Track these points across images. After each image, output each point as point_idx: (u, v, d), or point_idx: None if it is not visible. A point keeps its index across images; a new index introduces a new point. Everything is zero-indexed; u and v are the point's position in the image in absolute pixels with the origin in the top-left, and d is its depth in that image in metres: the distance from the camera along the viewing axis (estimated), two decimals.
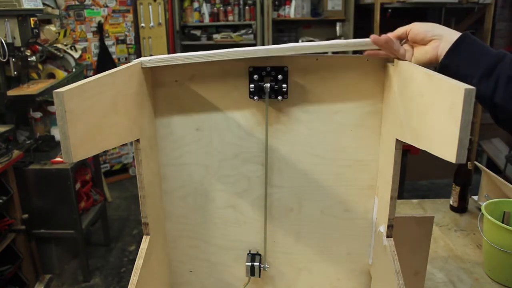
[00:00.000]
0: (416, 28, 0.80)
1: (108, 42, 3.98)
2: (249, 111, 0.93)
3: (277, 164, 0.96)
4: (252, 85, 0.90)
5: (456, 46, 0.76)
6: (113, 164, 4.17)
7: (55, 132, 2.75)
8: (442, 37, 0.78)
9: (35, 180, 2.43)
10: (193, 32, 4.49)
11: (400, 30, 0.82)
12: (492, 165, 3.99)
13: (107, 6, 3.95)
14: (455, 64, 0.76)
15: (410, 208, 1.61)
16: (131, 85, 0.81)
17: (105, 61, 3.92)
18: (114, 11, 3.99)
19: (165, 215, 1.02)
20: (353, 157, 0.94)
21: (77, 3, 3.80)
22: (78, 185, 2.59)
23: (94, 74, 0.83)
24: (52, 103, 2.58)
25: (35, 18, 2.50)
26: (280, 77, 0.89)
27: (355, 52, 0.88)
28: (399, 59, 0.81)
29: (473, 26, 3.83)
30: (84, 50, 3.78)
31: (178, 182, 0.99)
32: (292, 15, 4.29)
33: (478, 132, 3.79)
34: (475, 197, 1.64)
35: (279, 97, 0.90)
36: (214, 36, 4.44)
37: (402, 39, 0.83)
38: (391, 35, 0.82)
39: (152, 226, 0.92)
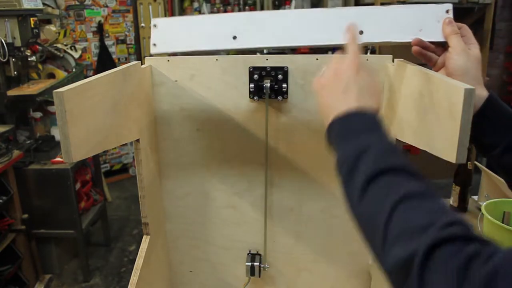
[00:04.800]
0: (452, 58, 0.72)
1: (108, 42, 3.98)
2: (249, 111, 0.93)
3: (277, 164, 0.96)
4: (252, 85, 0.90)
5: (480, 113, 0.69)
6: (113, 164, 4.17)
7: (55, 132, 2.75)
8: None
9: (35, 180, 2.43)
10: None
11: (450, 41, 0.74)
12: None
13: (107, 6, 3.94)
14: (478, 132, 0.68)
15: None
16: (131, 85, 0.81)
17: (105, 61, 3.91)
18: (114, 11, 3.98)
19: (165, 215, 1.02)
20: None
21: (77, 3, 3.80)
22: (78, 185, 2.58)
23: (94, 74, 0.83)
24: (52, 103, 2.57)
25: (35, 18, 2.50)
26: (280, 77, 0.89)
27: None
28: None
29: (473, 26, 3.83)
30: (84, 50, 3.78)
31: (178, 182, 0.99)
32: None
33: None
34: (475, 197, 1.64)
35: (279, 97, 0.90)
36: None
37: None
38: (449, 31, 0.74)
39: (152, 226, 0.92)
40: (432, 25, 0.75)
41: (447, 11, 0.76)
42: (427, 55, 0.76)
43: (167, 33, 0.80)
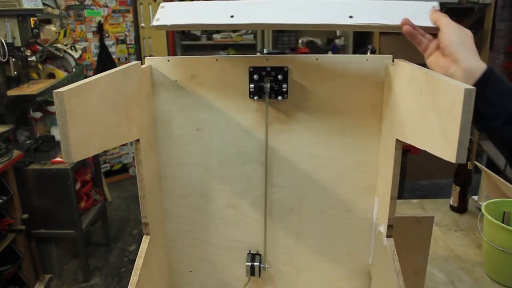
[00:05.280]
0: (446, 33, 0.73)
1: (108, 42, 3.98)
2: (249, 111, 0.93)
3: (277, 164, 0.96)
4: (252, 85, 0.90)
5: (480, 83, 0.69)
6: (113, 164, 4.17)
7: (55, 132, 2.75)
8: (458, 61, 0.71)
9: (35, 180, 2.43)
10: (193, 32, 4.49)
11: (440, 21, 0.75)
12: (492, 165, 3.98)
13: (107, 6, 3.95)
14: (479, 103, 0.67)
15: (410, 208, 1.61)
16: (131, 85, 0.81)
17: (105, 61, 3.92)
18: (114, 11, 3.99)
19: (165, 215, 1.02)
20: (353, 157, 0.94)
21: (77, 3, 3.80)
22: (78, 185, 2.59)
23: (94, 74, 0.83)
24: (52, 103, 2.58)
25: (35, 18, 2.51)
26: (280, 77, 0.89)
27: (355, 52, 0.88)
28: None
29: (473, 26, 3.82)
30: (84, 50, 3.78)
31: (178, 182, 0.99)
32: None
33: (478, 132, 3.79)
34: (475, 197, 1.64)
35: (279, 97, 0.90)
36: (214, 36, 4.44)
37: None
38: (434, 18, 0.76)
39: (152, 226, 0.92)
40: (420, 14, 0.77)
41: (433, 7, 0.79)
42: (417, 37, 0.76)
43: (171, 11, 0.85)
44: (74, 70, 3.08)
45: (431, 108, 0.63)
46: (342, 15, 0.79)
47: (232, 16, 0.80)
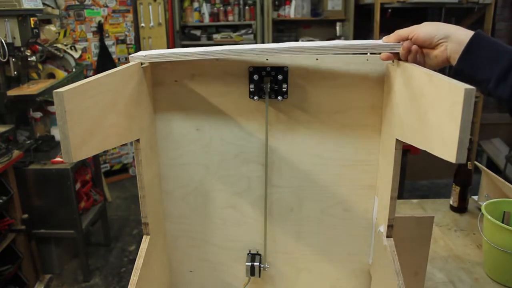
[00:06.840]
0: (421, 34, 0.76)
1: (108, 42, 3.98)
2: (249, 111, 0.93)
3: (277, 164, 0.96)
4: (252, 85, 0.90)
5: (468, 49, 0.71)
6: (113, 164, 4.17)
7: (55, 132, 2.75)
8: (449, 38, 0.74)
9: (35, 180, 2.43)
10: (193, 32, 4.49)
11: (403, 34, 0.78)
12: (492, 165, 3.99)
13: (107, 6, 3.94)
14: (470, 69, 0.71)
15: (410, 208, 1.61)
16: (131, 85, 0.81)
17: (105, 61, 3.92)
18: (114, 11, 3.98)
19: (165, 215, 1.02)
20: (353, 157, 0.94)
21: (77, 3, 3.80)
22: (78, 185, 2.58)
23: (94, 74, 0.83)
24: (52, 103, 2.57)
25: (35, 18, 2.50)
26: (280, 77, 0.89)
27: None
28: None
29: (473, 26, 3.82)
30: (84, 50, 3.78)
31: (178, 182, 0.99)
32: (292, 15, 4.29)
33: (478, 132, 3.79)
34: (475, 197, 1.64)
35: (279, 97, 0.90)
36: (214, 36, 4.44)
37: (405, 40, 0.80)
38: (392, 38, 0.79)
39: (152, 226, 0.92)
40: (383, 45, 0.81)
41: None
42: (415, 55, 0.78)
43: (151, 51, 0.89)
44: (74, 70, 3.08)
45: (431, 108, 0.63)
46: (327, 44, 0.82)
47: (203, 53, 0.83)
